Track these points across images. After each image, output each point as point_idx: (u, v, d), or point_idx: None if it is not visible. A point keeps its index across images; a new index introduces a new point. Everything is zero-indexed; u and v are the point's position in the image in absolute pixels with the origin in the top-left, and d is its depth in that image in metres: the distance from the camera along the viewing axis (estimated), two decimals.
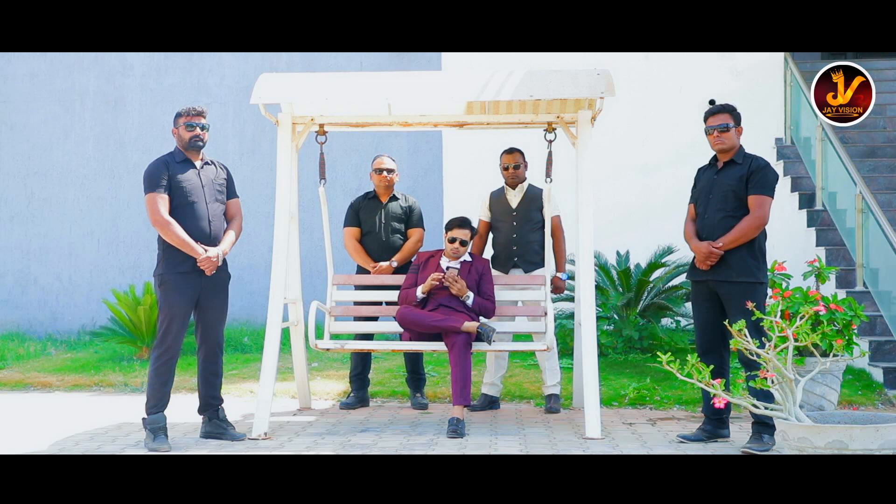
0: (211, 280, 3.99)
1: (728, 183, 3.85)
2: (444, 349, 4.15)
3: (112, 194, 8.12)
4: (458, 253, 4.42)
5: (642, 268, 6.46)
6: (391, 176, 4.88)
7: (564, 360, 5.60)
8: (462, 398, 3.99)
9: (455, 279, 4.26)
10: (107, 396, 5.44)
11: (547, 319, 4.34)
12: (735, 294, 3.75)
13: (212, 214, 4.03)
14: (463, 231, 4.43)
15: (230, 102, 7.93)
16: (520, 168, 4.78)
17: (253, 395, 5.15)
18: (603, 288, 6.33)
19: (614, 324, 6.31)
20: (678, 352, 5.50)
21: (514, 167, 4.76)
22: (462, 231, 4.43)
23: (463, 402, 3.98)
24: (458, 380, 4.01)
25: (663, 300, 6.26)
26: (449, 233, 4.42)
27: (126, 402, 5.14)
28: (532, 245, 4.71)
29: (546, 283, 4.51)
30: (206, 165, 4.12)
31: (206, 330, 4.05)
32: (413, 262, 4.55)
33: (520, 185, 4.79)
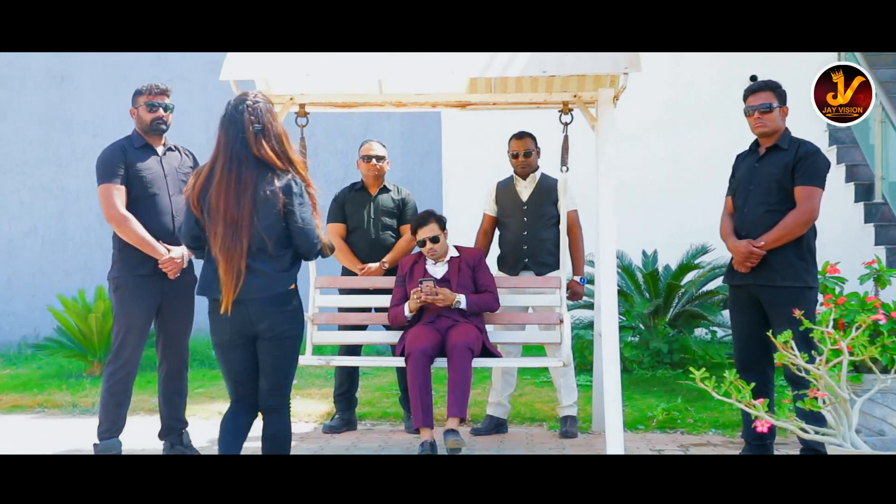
0: (174, 284, 4.01)
1: (771, 172, 3.87)
2: (444, 364, 4.16)
3: (58, 185, 8.14)
4: (435, 253, 4.43)
5: (672, 270, 6.50)
6: (381, 164, 4.89)
7: (582, 376, 5.63)
8: (457, 408, 3.97)
9: (433, 291, 4.27)
10: (52, 419, 5.44)
11: (562, 329, 4.35)
12: (780, 300, 3.77)
13: (176, 208, 4.04)
14: (426, 229, 4.44)
15: (196, 79, 7.95)
16: (531, 155, 4.79)
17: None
18: (627, 293, 6.36)
19: (640, 335, 6.34)
20: (714, 367, 5.56)
21: (524, 154, 4.77)
22: (425, 230, 4.44)
23: (458, 415, 3.97)
24: (457, 386, 3.99)
25: (697, 307, 6.29)
26: (417, 236, 4.46)
27: (75, 426, 5.14)
28: (545, 244, 4.73)
29: (561, 287, 4.52)
30: (169, 152, 4.14)
31: (169, 342, 4.07)
32: (398, 273, 4.56)
33: (531, 175, 4.81)
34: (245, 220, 2.92)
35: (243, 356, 3.06)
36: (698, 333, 6.60)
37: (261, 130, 2.98)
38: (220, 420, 3.12)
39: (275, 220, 2.97)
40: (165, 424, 4.12)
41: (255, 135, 2.96)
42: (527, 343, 4.74)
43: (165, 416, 4.12)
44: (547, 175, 4.83)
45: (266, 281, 2.97)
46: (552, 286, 4.59)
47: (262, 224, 2.95)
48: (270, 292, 2.98)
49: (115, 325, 3.98)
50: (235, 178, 2.94)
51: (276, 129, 3.03)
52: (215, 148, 3.02)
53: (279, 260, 3.01)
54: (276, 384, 3.06)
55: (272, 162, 2.97)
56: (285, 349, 3.05)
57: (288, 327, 3.03)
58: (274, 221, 2.97)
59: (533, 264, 4.74)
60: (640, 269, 6.58)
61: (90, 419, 4.96)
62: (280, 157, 3.00)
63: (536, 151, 4.82)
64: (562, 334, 4.34)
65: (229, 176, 2.94)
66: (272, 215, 2.96)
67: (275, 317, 2.99)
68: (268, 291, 2.97)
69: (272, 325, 3.00)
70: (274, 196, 2.95)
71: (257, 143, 2.97)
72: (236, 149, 2.96)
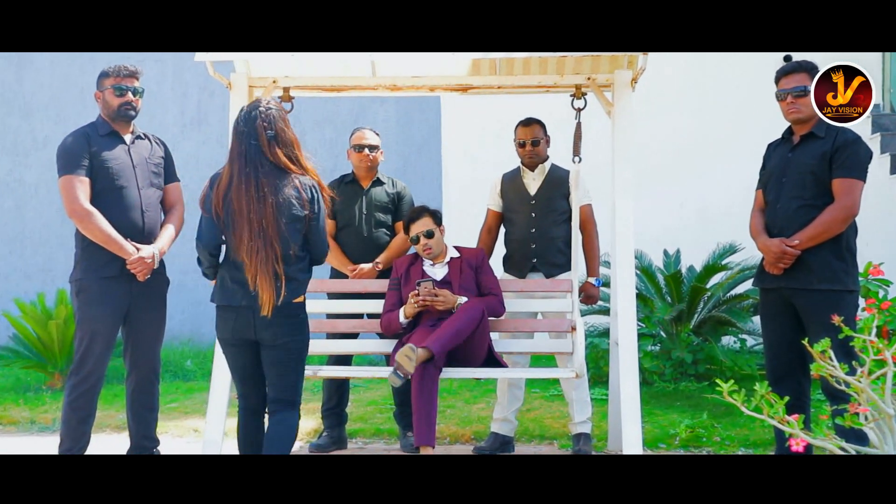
0: (144, 287, 4.01)
1: (806, 162, 3.88)
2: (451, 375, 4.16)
3: (15, 177, 8.15)
4: (431, 251, 4.44)
5: (697, 271, 6.50)
6: (375, 154, 4.90)
7: (597, 389, 5.66)
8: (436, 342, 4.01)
9: (433, 293, 4.28)
10: (7, 438, 5.44)
11: (575, 337, 4.35)
12: (817, 305, 3.77)
13: (145, 203, 4.05)
14: (418, 224, 4.46)
15: (169, 60, 7.98)
16: (539, 144, 4.79)
17: (198, 434, 5.17)
18: (646, 297, 6.37)
19: (661, 343, 6.35)
20: (744, 379, 5.58)
21: (531, 143, 4.77)
22: (418, 224, 4.46)
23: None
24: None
25: (724, 313, 6.29)
26: (409, 233, 4.49)
27: (33, 444, 5.13)
28: (555, 242, 4.73)
29: (573, 291, 4.52)
30: (138, 140, 4.14)
31: (138, 351, 4.08)
32: (392, 276, 4.57)
33: (540, 166, 4.81)
34: (271, 225, 3.23)
35: (244, 355, 3.39)
36: (726, 342, 6.61)
37: (274, 137, 3.29)
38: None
39: (297, 223, 3.29)
40: (134, 443, 4.12)
41: (268, 141, 3.28)
42: (535, 353, 4.74)
43: (134, 434, 4.12)
44: (557, 166, 4.83)
45: (292, 286, 3.30)
46: (563, 290, 4.59)
47: (288, 228, 3.26)
48: (294, 296, 3.31)
49: (77, 333, 3.98)
50: (254, 183, 3.24)
51: (288, 136, 3.33)
52: (229, 154, 3.33)
53: (300, 262, 3.35)
54: (281, 391, 3.35)
55: (286, 166, 3.29)
56: (290, 357, 3.34)
57: (291, 338, 3.33)
58: (296, 225, 3.29)
59: (542, 265, 4.74)
60: (660, 271, 6.59)
61: (50, 437, 4.97)
62: (294, 162, 3.31)
63: (545, 140, 4.83)
64: (574, 343, 4.34)
65: (247, 181, 3.24)
66: (294, 219, 3.28)
67: (279, 328, 3.29)
68: (292, 295, 3.30)
69: (275, 334, 3.30)
70: (299, 200, 3.28)
71: (271, 148, 3.29)
72: (251, 154, 3.26)
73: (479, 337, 4.21)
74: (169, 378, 6.74)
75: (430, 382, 4.01)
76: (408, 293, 4.40)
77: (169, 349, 7.06)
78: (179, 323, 7.48)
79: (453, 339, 4.04)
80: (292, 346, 3.35)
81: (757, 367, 6.07)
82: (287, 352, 3.33)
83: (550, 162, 4.84)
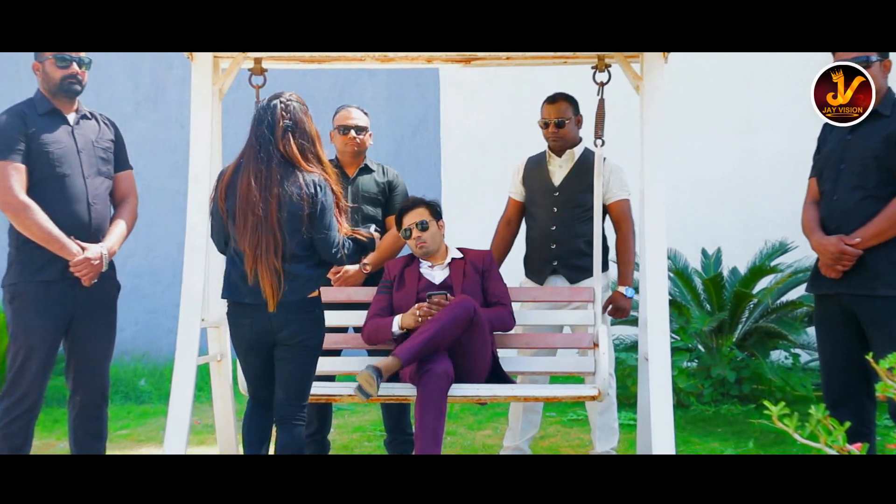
0: (90, 294, 4.01)
1: (868, 146, 3.87)
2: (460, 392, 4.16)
3: None
4: (425, 245, 4.45)
5: (741, 274, 6.48)
6: (362, 137, 4.89)
7: (624, 413, 5.63)
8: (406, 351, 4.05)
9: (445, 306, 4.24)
10: None
11: (597, 353, 4.35)
12: (882, 314, 3.77)
13: (92, 194, 4.04)
14: (412, 214, 4.47)
15: None
16: (566, 125, 4.78)
17: None
18: (682, 304, 6.36)
19: (699, 359, 6.34)
20: (797, 401, 5.57)
21: (556, 124, 4.76)
22: (411, 215, 4.47)
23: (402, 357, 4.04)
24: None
25: (773, 323, 6.28)
26: (401, 227, 4.49)
27: None
28: (577, 242, 4.74)
29: (595, 300, 4.52)
30: (83, 120, 4.14)
31: (83, 368, 4.07)
32: (383, 278, 4.57)
33: (569, 152, 4.80)
34: (273, 217, 3.55)
35: (262, 362, 3.73)
36: (775, 357, 6.61)
37: (291, 127, 3.64)
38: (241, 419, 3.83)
39: (295, 220, 3.58)
40: None
41: (284, 130, 3.63)
42: (551, 372, 4.75)
43: None
44: (591, 152, 4.77)
45: (294, 284, 3.61)
46: (583, 298, 4.59)
47: (287, 223, 3.57)
48: (297, 296, 3.62)
49: (10, 347, 3.97)
50: (265, 174, 3.58)
51: (308, 128, 3.69)
52: (245, 143, 3.68)
53: (305, 261, 3.65)
54: (292, 394, 3.69)
55: (296, 160, 3.61)
56: (304, 358, 3.69)
57: (308, 335, 3.67)
58: (295, 223, 3.58)
59: (563, 268, 4.75)
60: (698, 273, 6.58)
61: None
62: (306, 156, 3.64)
63: (575, 120, 4.82)
64: (596, 360, 4.35)
65: (257, 170, 3.59)
66: (293, 215, 3.57)
67: (296, 324, 3.63)
68: (295, 295, 3.61)
69: (294, 332, 3.64)
70: (299, 197, 3.57)
71: (284, 138, 3.62)
72: (264, 144, 3.61)
73: (476, 343, 4.20)
74: (119, 400, 6.72)
75: (437, 396, 4.00)
76: (401, 300, 4.39)
77: (119, 366, 7.05)
78: (132, 335, 7.48)
79: (428, 343, 4.03)
80: (309, 344, 3.68)
81: (812, 388, 6.08)
82: (304, 350, 3.67)
83: (584, 146, 4.82)
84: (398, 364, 4.00)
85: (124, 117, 6.83)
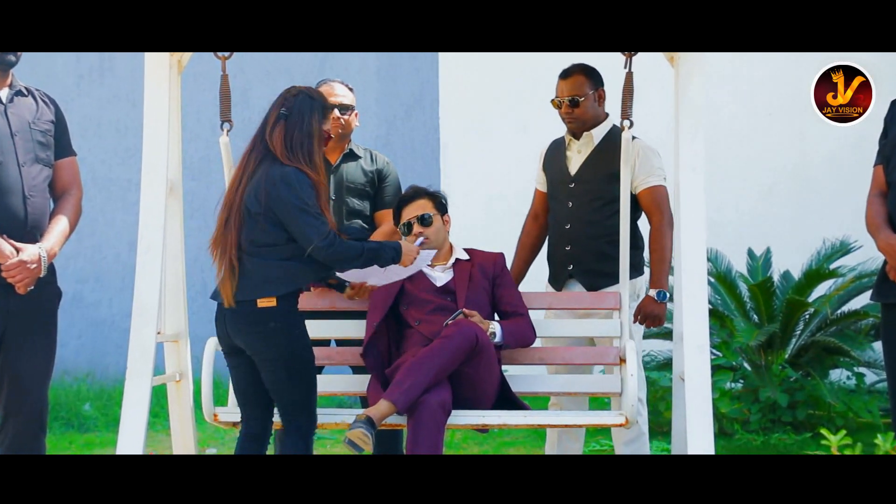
0: (25, 303, 4.00)
1: None
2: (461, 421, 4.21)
3: None
4: (428, 242, 4.44)
5: (794, 279, 6.52)
6: (347, 117, 4.89)
7: (655, 442, 5.67)
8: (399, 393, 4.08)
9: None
10: None
11: (624, 371, 4.35)
12: None
13: (28, 185, 4.03)
14: (413, 206, 4.50)
15: None
16: (580, 104, 4.76)
17: None
18: (724, 315, 6.35)
19: (745, 378, 6.35)
20: (861, 429, 5.63)
21: (569, 102, 4.75)
22: (412, 207, 4.50)
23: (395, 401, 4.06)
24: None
25: (833, 337, 6.28)
26: (399, 220, 4.51)
27: None
28: (597, 243, 4.73)
29: (622, 305, 4.53)
30: (18, 97, 4.13)
31: (16, 391, 4.04)
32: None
33: (587, 134, 4.79)
34: (236, 207, 3.84)
35: (237, 367, 3.97)
36: (835, 377, 6.60)
37: (285, 116, 3.89)
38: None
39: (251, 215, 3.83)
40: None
41: (276, 119, 3.90)
42: (569, 393, 4.75)
43: None
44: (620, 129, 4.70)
45: (246, 281, 3.82)
46: (607, 306, 4.60)
47: (246, 215, 3.83)
48: (247, 296, 3.81)
49: None
50: (244, 162, 3.92)
51: (308, 124, 3.91)
52: None
53: (266, 256, 3.84)
54: (282, 409, 3.93)
55: (276, 151, 3.86)
56: (272, 374, 3.86)
57: (265, 348, 3.83)
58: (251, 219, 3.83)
59: (580, 274, 4.76)
60: (743, 278, 6.58)
61: None
62: (291, 148, 3.87)
63: (594, 96, 4.79)
64: (623, 379, 4.34)
65: (244, 162, 3.92)
66: (249, 211, 3.82)
67: (247, 336, 3.85)
68: (244, 294, 3.81)
69: (246, 343, 3.86)
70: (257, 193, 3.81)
71: (273, 127, 3.89)
72: (258, 132, 3.94)
73: (482, 371, 4.22)
74: (59, 428, 6.69)
75: (432, 428, 4.04)
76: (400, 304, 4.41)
77: (60, 387, 7.04)
78: (74, 351, 7.47)
79: (426, 384, 4.06)
80: (269, 357, 3.84)
81: (880, 413, 6.08)
82: (266, 363, 3.84)
83: (610, 124, 4.80)
84: (392, 410, 4.01)
85: (66, 94, 6.88)
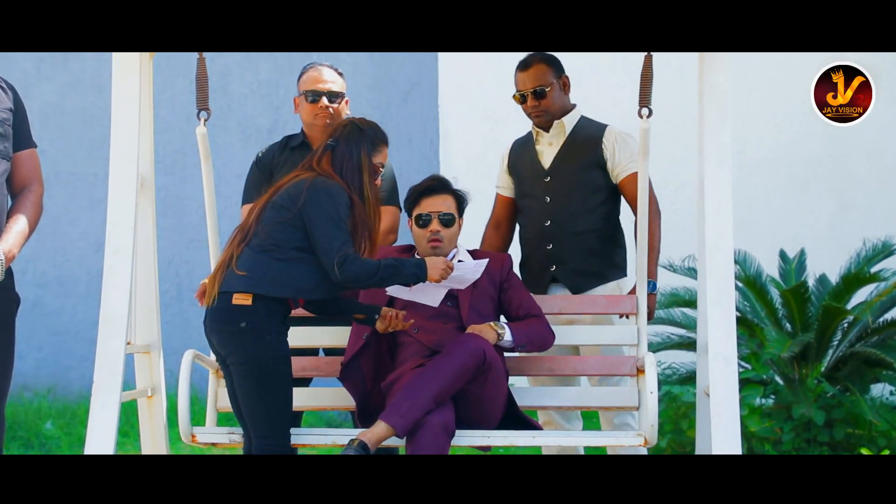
0: None
1: None
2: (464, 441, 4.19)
3: None
4: (439, 246, 4.42)
5: (832, 283, 6.50)
6: (337, 105, 4.83)
7: None
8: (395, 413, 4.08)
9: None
10: None
11: (642, 384, 4.36)
12: None
13: None
14: (437, 200, 4.45)
15: None
16: (548, 93, 4.79)
17: None
18: (753, 323, 6.39)
19: (777, 394, 6.37)
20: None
21: (534, 94, 4.80)
22: (435, 200, 4.45)
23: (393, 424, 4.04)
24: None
25: (874, 348, 6.26)
26: (416, 209, 4.47)
27: None
28: (583, 239, 4.77)
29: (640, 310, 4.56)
30: None
31: None
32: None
33: (557, 124, 4.82)
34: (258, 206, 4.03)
35: (229, 375, 3.99)
36: (877, 392, 6.58)
37: (332, 147, 4.05)
38: None
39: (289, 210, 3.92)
40: None
41: (323, 149, 4.07)
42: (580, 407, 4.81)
43: None
44: (589, 120, 4.84)
45: (229, 273, 3.88)
46: (622, 308, 4.64)
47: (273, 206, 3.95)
48: (226, 287, 3.85)
49: None
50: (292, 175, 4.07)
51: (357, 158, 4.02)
52: None
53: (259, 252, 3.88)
54: (249, 422, 3.93)
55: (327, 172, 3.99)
56: (244, 379, 3.86)
57: (234, 349, 3.88)
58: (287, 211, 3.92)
59: (565, 275, 4.78)
60: (775, 282, 6.56)
61: None
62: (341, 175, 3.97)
63: (558, 84, 4.82)
64: (640, 393, 4.36)
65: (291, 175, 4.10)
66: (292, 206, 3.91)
67: (219, 335, 3.91)
68: (223, 285, 3.86)
69: (220, 343, 3.93)
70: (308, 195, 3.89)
71: (321, 156, 4.04)
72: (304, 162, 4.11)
73: (489, 389, 4.21)
74: (18, 449, 6.68)
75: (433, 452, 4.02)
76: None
77: (18, 404, 7.14)
78: (35, 364, 7.52)
79: (427, 407, 4.05)
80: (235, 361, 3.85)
81: None
82: (235, 367, 3.86)
83: (579, 115, 4.85)
84: (390, 434, 3.98)
85: (25, 79, 6.91)
